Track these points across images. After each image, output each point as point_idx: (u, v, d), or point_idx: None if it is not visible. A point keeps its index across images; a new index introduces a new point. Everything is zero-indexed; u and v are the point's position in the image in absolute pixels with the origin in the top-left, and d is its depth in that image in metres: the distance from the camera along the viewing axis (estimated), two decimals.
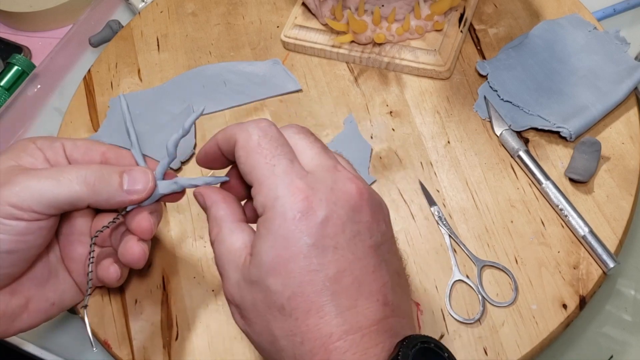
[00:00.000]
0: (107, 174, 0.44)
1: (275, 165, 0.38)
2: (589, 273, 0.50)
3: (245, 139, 0.39)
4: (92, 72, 0.69)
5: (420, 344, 0.35)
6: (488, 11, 0.64)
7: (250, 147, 0.39)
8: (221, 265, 0.40)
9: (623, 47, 0.58)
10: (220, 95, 0.65)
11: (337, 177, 0.38)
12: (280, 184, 0.37)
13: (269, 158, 0.38)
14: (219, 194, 0.43)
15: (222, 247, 0.40)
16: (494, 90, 0.59)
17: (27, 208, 0.42)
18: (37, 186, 0.42)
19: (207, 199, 0.43)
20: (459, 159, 0.57)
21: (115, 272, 0.48)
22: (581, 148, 0.53)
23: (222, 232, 0.41)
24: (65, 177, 0.43)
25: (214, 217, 0.42)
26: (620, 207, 0.52)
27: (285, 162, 0.38)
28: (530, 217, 0.53)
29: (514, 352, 0.48)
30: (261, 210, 0.38)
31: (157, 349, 0.52)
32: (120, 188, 0.45)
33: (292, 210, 0.36)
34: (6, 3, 0.80)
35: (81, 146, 0.48)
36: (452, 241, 0.53)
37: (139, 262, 0.46)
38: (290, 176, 0.38)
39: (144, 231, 0.46)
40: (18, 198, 0.42)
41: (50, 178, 0.43)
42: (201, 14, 0.71)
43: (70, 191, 0.43)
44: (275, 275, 0.36)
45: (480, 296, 0.50)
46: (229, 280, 0.39)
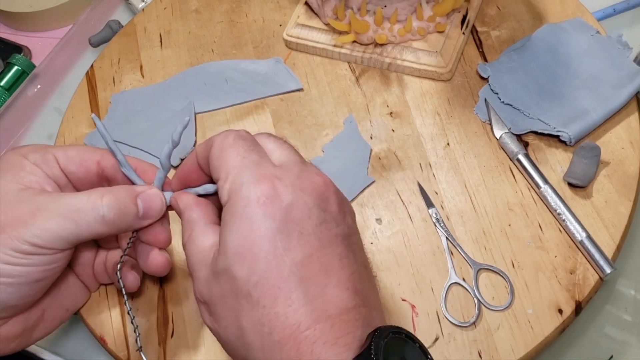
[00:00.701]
0: (124, 205, 0.44)
1: (244, 157, 0.39)
2: (586, 278, 0.50)
3: (222, 139, 0.41)
4: (95, 68, 0.69)
5: (391, 334, 0.35)
6: (491, 13, 0.64)
7: (225, 144, 0.40)
8: (191, 265, 0.40)
9: (625, 52, 0.58)
10: (221, 93, 0.65)
11: (303, 168, 0.39)
12: (247, 172, 0.38)
13: (241, 152, 0.39)
14: (192, 198, 0.44)
15: (193, 246, 0.40)
16: (495, 92, 0.58)
17: (49, 247, 0.42)
18: (56, 229, 0.42)
19: (181, 203, 0.44)
20: (458, 161, 0.56)
21: (135, 280, 0.49)
22: (581, 152, 0.53)
23: (194, 233, 0.41)
24: (83, 218, 0.43)
25: (187, 219, 0.42)
26: (619, 212, 0.52)
27: (255, 156, 0.39)
28: (528, 221, 0.53)
29: (509, 356, 0.48)
30: (226, 197, 0.38)
31: (153, 345, 0.52)
32: (136, 217, 0.45)
33: (257, 194, 0.37)
34: (6, 3, 0.81)
35: (74, 157, 0.47)
36: (449, 243, 0.53)
37: (165, 270, 0.47)
38: (258, 166, 0.38)
39: (162, 242, 0.47)
40: (39, 239, 0.42)
41: (69, 219, 0.42)
42: (204, 11, 0.71)
43: (90, 230, 0.43)
44: (241, 260, 0.36)
45: (476, 299, 0.50)
46: (198, 279, 0.39)
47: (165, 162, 0.46)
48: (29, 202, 0.43)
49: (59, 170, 0.47)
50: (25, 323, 0.46)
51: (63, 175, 0.47)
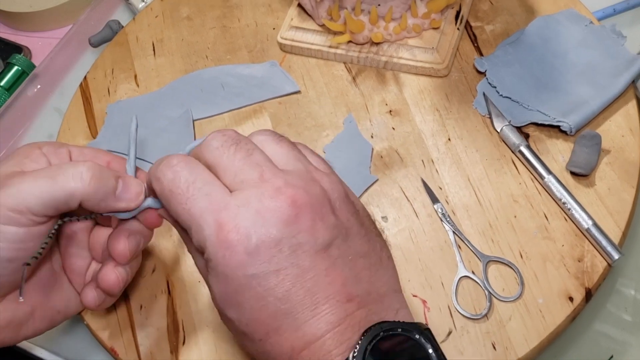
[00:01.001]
0: (105, 174, 0.44)
1: (190, 208, 0.38)
2: (594, 265, 0.50)
3: (160, 188, 0.39)
4: (88, 79, 0.69)
5: (383, 332, 0.35)
6: (484, 8, 0.65)
7: (165, 195, 0.39)
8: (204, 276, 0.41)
9: (620, 41, 0.59)
10: (218, 99, 0.65)
11: (262, 192, 0.37)
12: (202, 225, 0.37)
13: (183, 202, 0.38)
14: None
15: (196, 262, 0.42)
16: (493, 86, 0.59)
17: (25, 210, 0.41)
18: (32, 185, 0.42)
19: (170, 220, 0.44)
20: (460, 156, 0.57)
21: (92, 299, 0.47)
22: (581, 142, 0.54)
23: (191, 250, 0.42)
24: (60, 175, 0.42)
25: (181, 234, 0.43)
26: (622, 199, 0.52)
27: (201, 200, 0.37)
28: (534, 212, 0.53)
29: (522, 346, 0.48)
30: (200, 250, 0.38)
31: (165, 354, 0.51)
32: (113, 192, 0.44)
33: (221, 249, 0.36)
34: (6, 3, 0.80)
35: (87, 154, 0.48)
36: (457, 238, 0.53)
37: (113, 289, 0.46)
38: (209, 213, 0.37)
39: (118, 255, 0.46)
40: (14, 200, 0.41)
41: (46, 177, 0.42)
42: (196, 17, 0.71)
43: (66, 188, 0.42)
44: (229, 307, 0.37)
45: (486, 291, 0.50)
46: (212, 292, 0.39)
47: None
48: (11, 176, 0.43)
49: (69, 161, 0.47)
50: (12, 314, 0.45)
51: None
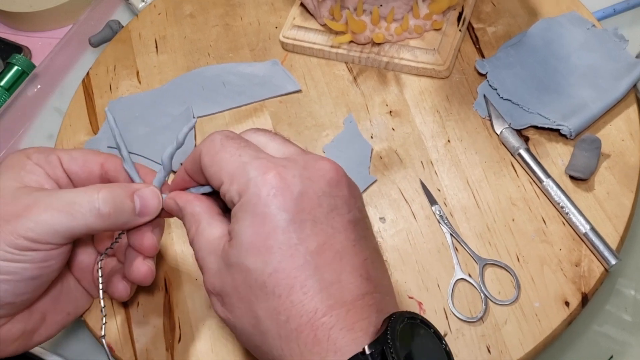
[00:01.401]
0: (120, 200, 0.44)
1: (241, 155, 0.38)
2: (591, 270, 0.50)
3: (208, 145, 0.40)
4: (91, 75, 0.69)
5: (407, 319, 0.35)
6: (486, 10, 0.64)
7: (214, 149, 0.39)
8: (201, 258, 0.40)
9: (621, 45, 0.58)
10: (219, 97, 0.65)
11: (308, 157, 0.39)
12: (250, 168, 0.37)
13: (234, 152, 0.39)
14: (191, 195, 0.43)
15: (202, 239, 0.40)
16: (494, 88, 0.59)
17: (44, 241, 0.42)
18: (51, 221, 0.42)
19: (179, 200, 0.43)
20: (459, 158, 0.57)
21: (124, 289, 0.49)
22: (581, 145, 0.53)
23: (201, 226, 0.41)
24: (78, 211, 0.42)
25: (191, 214, 0.42)
26: (621, 204, 0.52)
27: (251, 152, 0.39)
28: (532, 215, 0.53)
29: (517, 350, 0.48)
30: (237, 197, 0.38)
31: (160, 351, 0.52)
32: (133, 213, 0.44)
33: (266, 187, 0.36)
34: (6, 3, 0.81)
35: (78, 158, 0.47)
36: (454, 240, 0.53)
37: (147, 280, 0.47)
38: (259, 160, 0.38)
39: (147, 249, 0.46)
40: (33, 233, 0.41)
41: (64, 212, 0.42)
42: (199, 15, 0.71)
43: (86, 224, 0.42)
44: (255, 253, 0.36)
45: (482, 294, 0.50)
46: (209, 270, 0.39)
47: (166, 163, 0.45)
48: (24, 198, 0.43)
49: (62, 170, 0.47)
50: (25, 325, 0.46)
51: (65, 175, 0.47)
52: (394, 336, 0.34)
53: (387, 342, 0.33)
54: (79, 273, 0.50)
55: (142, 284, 0.47)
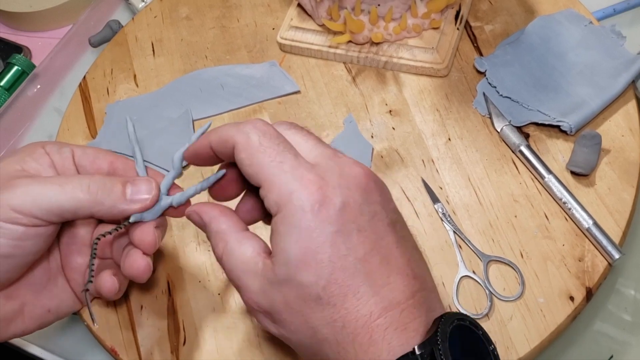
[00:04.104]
0: (110, 183, 0.44)
1: (282, 162, 0.38)
2: (595, 265, 0.50)
3: (245, 141, 0.39)
4: (88, 79, 0.69)
5: (456, 320, 0.36)
6: (483, 8, 0.65)
7: (252, 148, 0.39)
8: (236, 278, 0.40)
9: (619, 41, 0.59)
10: (218, 99, 0.65)
11: (341, 163, 0.39)
12: (292, 180, 0.37)
13: (273, 156, 0.38)
14: (215, 209, 0.42)
15: (233, 259, 0.40)
16: (493, 86, 0.59)
17: (28, 212, 0.42)
18: (40, 191, 0.42)
19: (204, 216, 0.42)
20: (460, 156, 0.57)
21: (112, 284, 0.47)
22: (582, 141, 0.54)
23: (230, 244, 0.40)
24: (68, 185, 0.43)
25: (217, 231, 0.41)
26: (622, 199, 0.53)
27: (291, 158, 0.38)
28: (534, 211, 0.53)
29: (523, 345, 0.48)
30: (275, 208, 0.38)
31: (165, 354, 0.51)
32: (123, 197, 0.44)
33: (310, 202, 0.37)
34: (6, 3, 0.80)
35: (90, 154, 0.48)
36: (457, 237, 0.53)
37: (143, 276, 0.46)
38: (299, 170, 0.38)
39: (147, 245, 0.45)
40: (19, 201, 0.41)
41: (54, 184, 0.43)
42: (195, 17, 0.71)
43: (73, 198, 0.43)
44: (306, 268, 0.36)
45: (487, 291, 0.50)
46: (249, 289, 0.39)
47: (177, 164, 0.45)
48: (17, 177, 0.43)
49: (72, 162, 0.47)
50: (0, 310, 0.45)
51: (74, 168, 0.47)
52: (444, 337, 0.35)
53: (436, 344, 0.34)
54: (71, 273, 0.49)
55: (137, 280, 0.46)
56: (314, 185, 0.37)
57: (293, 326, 0.38)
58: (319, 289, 0.36)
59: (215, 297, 0.53)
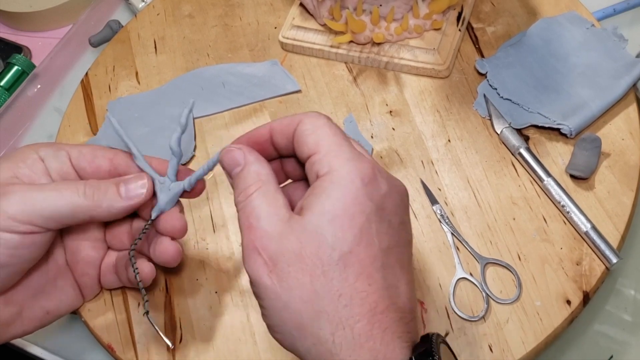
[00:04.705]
0: (104, 185, 0.45)
1: (343, 139, 0.39)
2: (592, 269, 0.50)
3: (314, 117, 0.40)
4: (90, 76, 0.69)
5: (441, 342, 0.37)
6: (486, 9, 0.64)
7: (319, 123, 0.40)
8: (256, 217, 0.37)
9: (621, 44, 0.59)
10: (219, 97, 0.65)
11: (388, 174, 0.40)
12: (351, 151, 0.38)
13: (338, 132, 0.39)
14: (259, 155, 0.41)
15: (265, 200, 0.38)
16: (494, 88, 0.59)
17: (26, 220, 0.42)
18: (37, 197, 0.42)
19: (249, 155, 0.40)
20: (459, 158, 0.57)
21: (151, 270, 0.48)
22: (581, 144, 0.54)
23: (267, 187, 0.39)
24: (65, 190, 0.43)
25: (257, 172, 0.39)
26: (622, 202, 0.52)
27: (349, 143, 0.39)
28: (532, 214, 0.53)
29: (519, 348, 0.48)
30: (327, 169, 0.37)
31: (162, 351, 0.51)
32: (118, 195, 0.45)
33: (362, 172, 0.37)
34: (6, 3, 0.80)
35: (87, 154, 0.48)
36: (455, 239, 0.53)
37: (176, 259, 0.47)
38: (357, 151, 0.39)
39: (179, 230, 0.47)
40: (17, 209, 0.42)
41: (51, 190, 0.43)
42: (198, 15, 0.71)
43: (71, 203, 0.43)
44: (338, 224, 0.36)
45: (484, 293, 0.50)
46: (264, 230, 0.37)
47: (176, 149, 0.46)
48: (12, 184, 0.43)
49: (70, 166, 0.47)
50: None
51: (73, 171, 0.47)
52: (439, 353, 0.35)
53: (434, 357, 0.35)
54: (81, 267, 0.50)
55: (169, 265, 0.48)
56: (369, 164, 0.38)
57: (293, 282, 0.35)
58: (341, 253, 0.35)
59: (212, 295, 0.53)
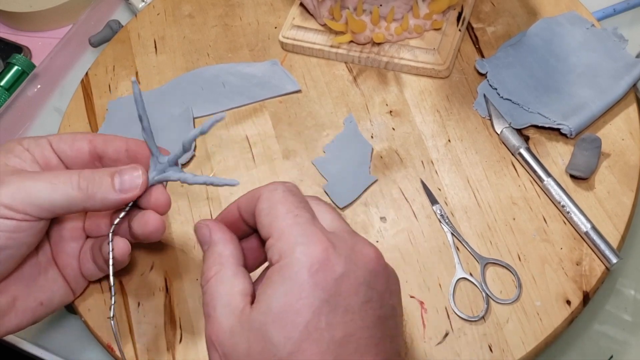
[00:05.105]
0: (99, 176, 0.45)
1: (297, 216, 0.37)
2: (592, 269, 0.50)
3: (270, 192, 0.39)
4: (90, 75, 0.69)
5: None
6: (486, 9, 0.64)
7: (274, 199, 0.38)
8: (212, 307, 0.38)
9: (621, 44, 0.59)
10: (219, 97, 0.65)
11: (356, 239, 0.38)
12: (302, 233, 0.36)
13: (292, 209, 0.38)
14: (226, 233, 0.41)
15: (221, 287, 0.38)
16: (494, 88, 0.59)
17: (21, 210, 0.42)
18: (32, 188, 0.42)
19: (214, 234, 0.41)
20: (459, 158, 0.57)
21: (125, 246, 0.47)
22: (582, 145, 0.54)
23: (224, 272, 0.39)
24: (59, 182, 0.43)
25: (219, 254, 0.40)
26: (622, 203, 0.52)
27: (308, 216, 0.38)
28: (532, 214, 0.53)
29: (519, 348, 0.48)
30: (277, 257, 0.36)
31: (161, 351, 0.51)
32: (112, 188, 0.45)
33: (311, 260, 0.35)
34: (6, 3, 0.81)
35: (67, 138, 0.48)
36: (455, 239, 0.53)
37: (158, 232, 0.46)
38: (312, 228, 0.37)
39: (162, 204, 0.46)
40: (12, 199, 0.42)
41: (45, 181, 0.43)
42: (198, 15, 0.71)
43: (65, 195, 0.43)
44: (281, 325, 0.35)
45: (484, 293, 0.50)
46: (219, 324, 0.37)
47: (187, 146, 0.45)
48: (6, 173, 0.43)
49: (51, 151, 0.47)
50: None
51: (55, 155, 0.48)
52: None
53: None
54: (64, 259, 0.50)
55: (152, 238, 0.46)
56: (321, 245, 0.36)
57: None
58: (285, 354, 0.34)
59: None
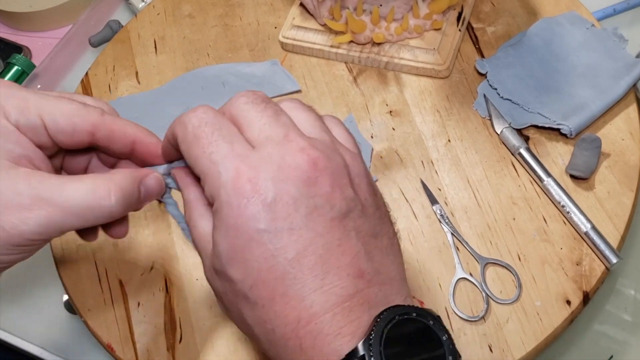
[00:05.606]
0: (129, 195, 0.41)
1: (212, 153, 0.35)
2: (592, 269, 0.50)
3: (183, 132, 0.37)
4: (90, 75, 0.69)
5: (398, 316, 0.33)
6: (486, 10, 0.64)
7: (188, 140, 0.37)
8: (198, 250, 0.39)
9: (621, 44, 0.59)
10: (219, 97, 0.65)
11: (285, 150, 0.35)
12: (221, 171, 0.35)
13: (205, 147, 0.36)
14: (190, 177, 0.41)
15: (195, 231, 0.38)
16: (494, 88, 0.59)
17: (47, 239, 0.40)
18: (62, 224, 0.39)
19: (180, 182, 0.41)
20: (459, 158, 0.57)
21: None
22: (582, 145, 0.54)
23: (193, 215, 0.39)
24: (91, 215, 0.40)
25: (187, 200, 0.40)
26: (622, 203, 0.52)
27: (224, 146, 0.35)
28: (532, 214, 0.53)
29: (519, 348, 0.48)
30: (211, 200, 0.36)
31: (161, 351, 0.52)
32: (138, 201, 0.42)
33: (237, 197, 0.34)
34: (6, 3, 0.81)
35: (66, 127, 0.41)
36: (455, 239, 0.53)
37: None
38: (231, 161, 0.35)
39: None
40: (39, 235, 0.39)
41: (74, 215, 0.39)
42: (198, 15, 0.71)
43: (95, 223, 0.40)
44: (234, 265, 0.35)
45: (484, 293, 0.50)
46: (205, 265, 0.38)
47: None
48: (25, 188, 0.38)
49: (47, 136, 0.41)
50: None
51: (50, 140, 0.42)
52: (378, 339, 0.32)
53: (369, 347, 0.32)
54: None
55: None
56: (243, 178, 0.34)
57: (233, 314, 0.37)
58: (246, 289, 0.34)
59: (212, 295, 0.53)
